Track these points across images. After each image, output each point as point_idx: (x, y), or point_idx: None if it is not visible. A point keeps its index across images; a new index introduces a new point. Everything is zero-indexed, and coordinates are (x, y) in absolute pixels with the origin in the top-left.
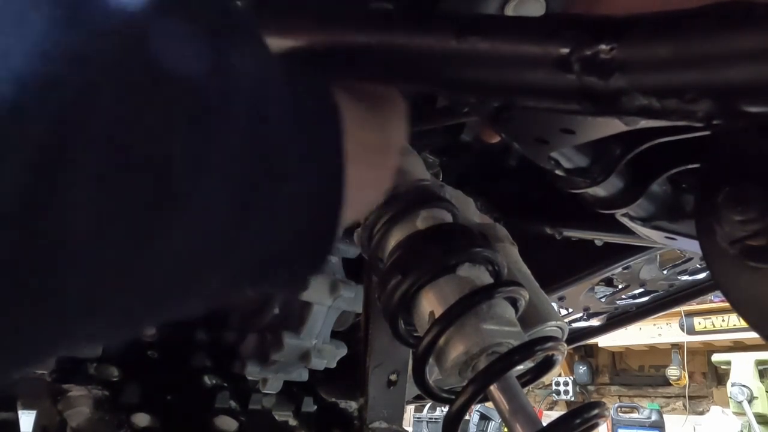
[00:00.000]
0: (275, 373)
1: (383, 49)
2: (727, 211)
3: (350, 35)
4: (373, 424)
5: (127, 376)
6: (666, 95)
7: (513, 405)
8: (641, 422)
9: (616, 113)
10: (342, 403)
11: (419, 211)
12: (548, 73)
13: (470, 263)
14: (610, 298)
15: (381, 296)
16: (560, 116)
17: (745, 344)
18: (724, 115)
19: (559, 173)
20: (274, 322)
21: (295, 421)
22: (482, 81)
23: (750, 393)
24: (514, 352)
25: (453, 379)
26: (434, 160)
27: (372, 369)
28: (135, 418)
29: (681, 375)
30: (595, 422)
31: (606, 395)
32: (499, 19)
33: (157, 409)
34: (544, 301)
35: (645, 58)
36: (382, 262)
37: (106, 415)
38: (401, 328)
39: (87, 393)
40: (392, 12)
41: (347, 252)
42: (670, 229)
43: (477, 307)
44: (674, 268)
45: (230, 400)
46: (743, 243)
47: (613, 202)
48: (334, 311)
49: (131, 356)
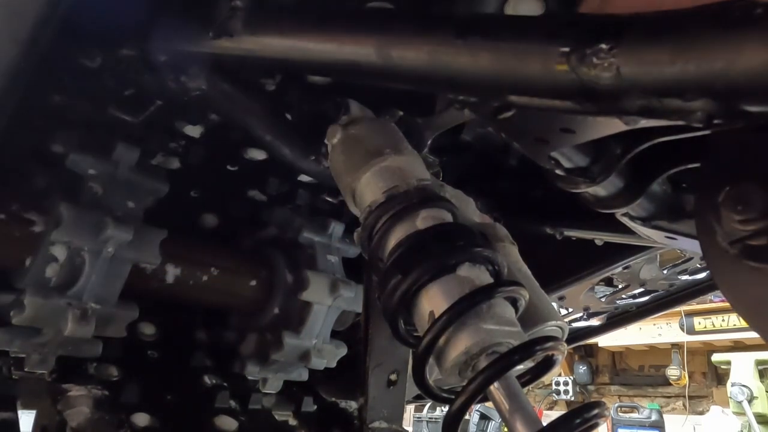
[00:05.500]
0: (275, 372)
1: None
2: (727, 210)
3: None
4: (373, 423)
5: (127, 376)
6: (666, 94)
7: (513, 405)
8: (641, 422)
9: (617, 113)
10: (342, 402)
11: (419, 210)
12: (548, 72)
13: (470, 263)
14: (610, 298)
15: (381, 296)
16: (560, 116)
17: (745, 344)
18: (724, 114)
19: (559, 173)
20: (274, 322)
21: (295, 421)
22: (482, 80)
23: (750, 393)
24: (514, 351)
25: (453, 378)
26: (434, 160)
27: (372, 369)
28: (135, 417)
29: (681, 375)
30: (595, 422)
31: (606, 395)
32: (500, 19)
33: (157, 409)
34: (544, 300)
35: (645, 58)
36: (382, 262)
37: (105, 415)
38: (401, 327)
39: (87, 393)
40: (392, 11)
41: (347, 252)
42: (670, 228)
43: (477, 307)
44: (674, 268)
45: (230, 400)
46: (743, 243)
47: (613, 202)
48: (334, 311)
49: (131, 356)
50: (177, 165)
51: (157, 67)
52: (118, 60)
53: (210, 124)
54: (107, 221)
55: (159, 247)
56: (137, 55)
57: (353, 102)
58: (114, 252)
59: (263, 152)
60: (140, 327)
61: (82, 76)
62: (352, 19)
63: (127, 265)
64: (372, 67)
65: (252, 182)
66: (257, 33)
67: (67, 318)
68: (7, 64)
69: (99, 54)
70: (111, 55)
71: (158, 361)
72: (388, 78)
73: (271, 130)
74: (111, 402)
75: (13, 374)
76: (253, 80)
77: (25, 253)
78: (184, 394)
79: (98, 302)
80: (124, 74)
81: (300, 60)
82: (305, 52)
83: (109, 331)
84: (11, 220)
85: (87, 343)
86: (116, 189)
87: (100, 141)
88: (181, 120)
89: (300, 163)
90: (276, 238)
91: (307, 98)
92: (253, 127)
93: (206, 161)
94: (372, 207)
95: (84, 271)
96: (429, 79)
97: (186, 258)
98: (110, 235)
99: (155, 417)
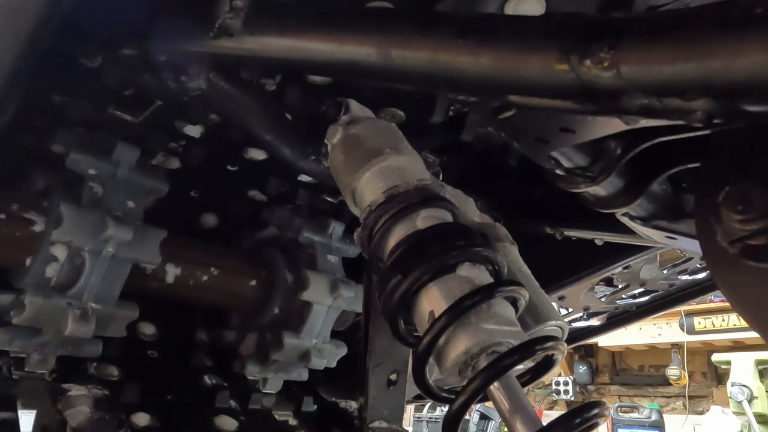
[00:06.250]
0: (275, 372)
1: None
2: (728, 210)
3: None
4: (373, 423)
5: (127, 376)
6: (666, 94)
7: (513, 404)
8: (641, 422)
9: (617, 112)
10: (342, 402)
11: (419, 210)
12: (548, 72)
13: (470, 263)
14: (610, 298)
15: (381, 296)
16: (560, 115)
17: (745, 344)
18: (724, 114)
19: (560, 172)
20: (274, 322)
21: (295, 421)
22: (482, 80)
23: (750, 393)
24: (514, 351)
25: (453, 378)
26: (434, 160)
27: (372, 369)
28: (135, 417)
29: (681, 375)
30: (595, 422)
31: (606, 395)
32: (500, 19)
33: (157, 408)
34: (544, 300)
35: (645, 57)
36: (382, 262)
37: (106, 415)
38: (401, 327)
39: (87, 393)
40: (392, 11)
41: (347, 252)
42: (670, 228)
43: (477, 307)
44: (674, 267)
45: (230, 399)
46: (743, 242)
47: (613, 202)
48: (334, 311)
49: (131, 356)
50: (177, 165)
51: (157, 66)
52: (118, 60)
53: (210, 124)
54: (107, 221)
55: (159, 247)
56: (137, 55)
57: (353, 102)
58: (114, 252)
59: (263, 152)
60: (140, 327)
61: (82, 76)
62: (352, 19)
63: (127, 265)
64: (372, 67)
65: (252, 182)
66: (257, 33)
67: (67, 318)
68: (8, 64)
69: (99, 54)
70: (111, 55)
71: (158, 361)
72: (388, 78)
73: (271, 130)
74: (111, 402)
75: (13, 374)
76: (253, 80)
77: (25, 253)
78: (184, 394)
79: (98, 302)
80: (124, 74)
81: (300, 60)
82: (305, 52)
83: (109, 331)
84: (11, 220)
85: (87, 343)
86: (116, 189)
87: (100, 141)
88: (181, 120)
89: (300, 163)
90: (276, 238)
91: (307, 98)
92: (253, 127)
93: (206, 161)
94: (372, 207)
95: (84, 271)
96: (429, 79)
97: (186, 258)
98: (110, 235)
99: (155, 417)
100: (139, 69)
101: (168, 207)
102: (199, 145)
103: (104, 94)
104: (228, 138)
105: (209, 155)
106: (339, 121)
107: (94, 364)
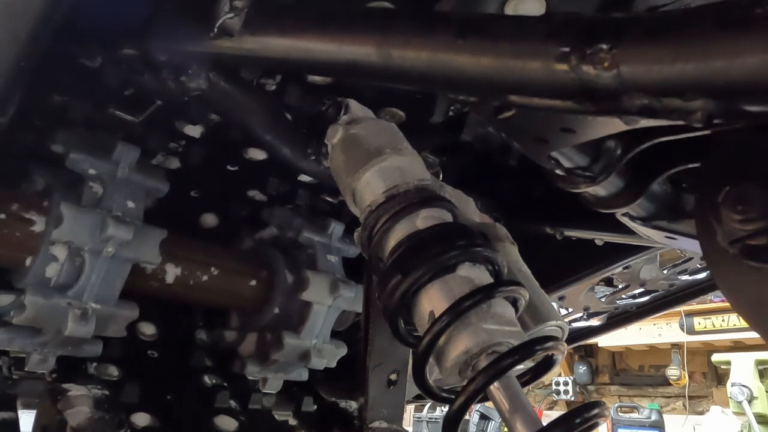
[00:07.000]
0: (275, 372)
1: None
2: (728, 210)
3: (350, 35)
4: (373, 423)
5: (127, 376)
6: (666, 94)
7: (513, 404)
8: (641, 422)
9: (617, 112)
10: (342, 402)
11: (419, 210)
12: (548, 72)
13: (470, 263)
14: (610, 298)
15: (381, 296)
16: (560, 115)
17: (745, 344)
18: (724, 114)
19: (560, 173)
20: (274, 322)
21: (295, 421)
22: (482, 80)
23: (750, 393)
24: (514, 351)
25: (453, 378)
26: (434, 160)
27: (372, 369)
28: (135, 417)
29: (681, 375)
30: (595, 422)
31: (606, 395)
32: (500, 19)
33: (157, 408)
34: (544, 300)
35: (645, 57)
36: (382, 262)
37: (106, 415)
38: (401, 327)
39: (87, 392)
40: (392, 11)
41: (347, 252)
42: (670, 228)
43: (477, 307)
44: (674, 268)
45: (230, 399)
46: (743, 242)
47: (613, 202)
48: (334, 311)
49: (131, 356)
50: (177, 165)
51: (157, 66)
52: (118, 60)
53: (210, 124)
54: (107, 221)
55: (159, 247)
56: (137, 55)
57: (353, 102)
58: (114, 252)
59: (263, 152)
60: (140, 327)
61: (82, 76)
62: (353, 19)
63: (127, 265)
64: (372, 67)
65: (252, 182)
66: (257, 33)
67: (67, 318)
68: (8, 64)
69: (99, 54)
70: (111, 55)
71: (158, 361)
72: (388, 78)
73: (271, 130)
74: (111, 402)
75: (13, 374)
76: (253, 80)
77: (25, 253)
78: (184, 394)
79: (98, 302)
80: (125, 74)
81: (300, 60)
82: (305, 52)
83: (109, 331)
84: (11, 220)
85: (87, 343)
86: (116, 189)
87: (100, 141)
88: (181, 120)
89: (300, 163)
90: (276, 238)
91: (307, 98)
92: (253, 127)
93: (206, 161)
94: (372, 207)
95: (84, 271)
96: (429, 79)
97: (186, 258)
98: (110, 235)
99: (155, 417)
100: (139, 69)
101: (168, 207)
102: (199, 145)
103: (104, 94)
104: (228, 138)
105: (209, 155)
106: (339, 121)
107: (94, 364)
